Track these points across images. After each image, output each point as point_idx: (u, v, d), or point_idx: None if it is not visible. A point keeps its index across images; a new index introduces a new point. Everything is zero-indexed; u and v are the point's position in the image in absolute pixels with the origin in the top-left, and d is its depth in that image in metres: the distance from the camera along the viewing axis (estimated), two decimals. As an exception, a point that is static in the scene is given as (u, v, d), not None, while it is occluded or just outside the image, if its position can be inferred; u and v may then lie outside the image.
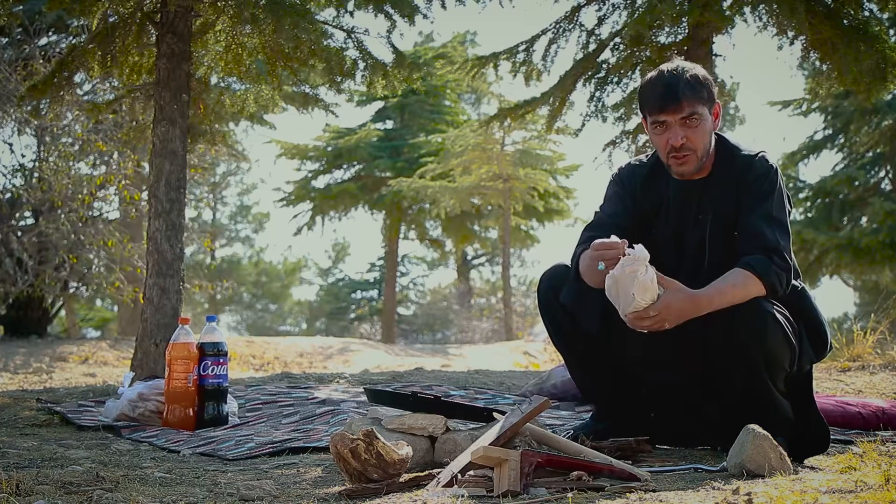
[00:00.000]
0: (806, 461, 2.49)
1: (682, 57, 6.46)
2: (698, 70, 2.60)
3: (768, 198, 2.57)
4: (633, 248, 2.38)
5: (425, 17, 5.78)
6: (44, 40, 11.18)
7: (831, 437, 2.90)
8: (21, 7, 8.61)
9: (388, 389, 2.92)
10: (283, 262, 35.56)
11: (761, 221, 2.54)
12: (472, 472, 2.15)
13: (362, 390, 4.05)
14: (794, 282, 2.55)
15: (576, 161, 20.16)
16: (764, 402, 2.49)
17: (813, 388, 2.66)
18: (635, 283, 2.36)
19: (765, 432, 2.20)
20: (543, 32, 6.97)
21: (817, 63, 6.62)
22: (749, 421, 2.27)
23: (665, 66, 2.61)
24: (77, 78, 6.75)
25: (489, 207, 20.36)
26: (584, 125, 7.02)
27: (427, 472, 2.24)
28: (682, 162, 2.57)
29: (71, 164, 10.07)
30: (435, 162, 18.43)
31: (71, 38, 10.61)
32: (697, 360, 2.63)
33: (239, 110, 6.20)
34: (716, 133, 2.66)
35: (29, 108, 9.94)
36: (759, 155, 2.62)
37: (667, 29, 6.40)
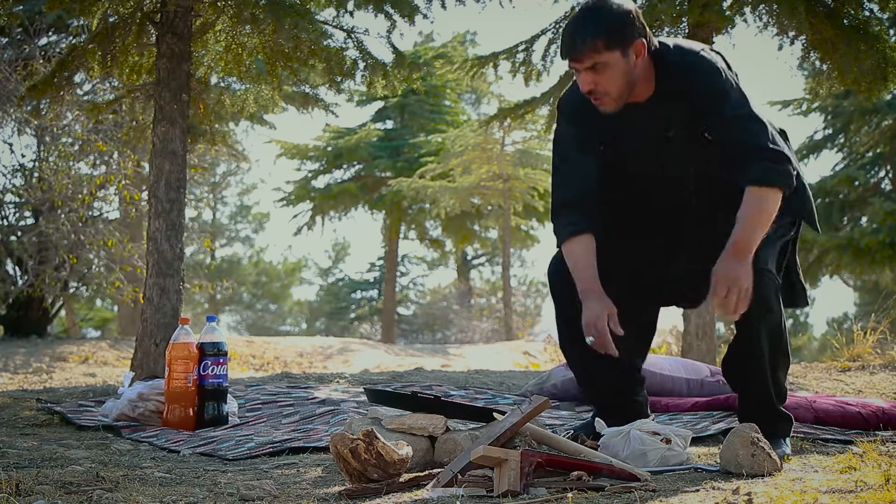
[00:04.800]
0: (805, 461, 2.48)
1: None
2: (611, 11, 2.51)
3: (725, 98, 2.55)
4: None
5: (425, 17, 5.77)
6: (44, 40, 11.17)
7: (831, 437, 2.90)
8: (21, 7, 8.59)
9: (388, 389, 2.92)
10: (283, 262, 35.57)
11: (734, 128, 2.53)
12: (472, 472, 2.15)
13: (362, 390, 4.05)
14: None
15: (576, 161, 20.12)
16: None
17: (795, 253, 2.71)
18: None
19: (744, 431, 2.20)
20: (543, 32, 6.96)
21: (817, 63, 6.61)
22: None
23: (578, 10, 2.58)
24: (77, 78, 6.74)
25: (489, 207, 20.36)
26: (584, 125, 7.01)
27: (427, 472, 2.24)
28: (599, 103, 2.57)
29: (71, 164, 10.07)
30: (435, 162, 18.42)
31: (71, 38, 10.61)
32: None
33: (239, 110, 6.20)
34: (656, 47, 2.60)
35: (29, 108, 9.94)
36: (696, 57, 2.59)
37: (666, 29, 6.40)
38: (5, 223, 10.69)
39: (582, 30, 2.50)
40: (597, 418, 2.68)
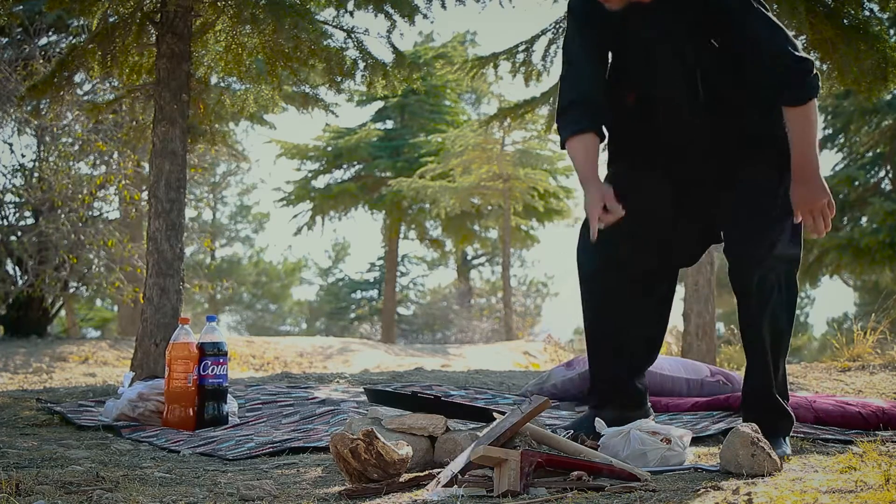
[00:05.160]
0: (805, 461, 2.48)
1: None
2: None
3: (746, 12, 2.51)
4: None
5: (425, 17, 5.77)
6: (44, 40, 11.17)
7: (831, 437, 2.90)
8: (21, 7, 8.59)
9: (388, 389, 2.92)
10: (283, 262, 35.57)
11: (760, 34, 2.49)
12: (472, 472, 2.15)
13: (362, 390, 4.06)
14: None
15: (576, 161, 20.11)
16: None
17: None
18: None
19: (744, 431, 2.21)
20: (543, 32, 6.97)
21: (817, 63, 6.61)
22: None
23: None
24: (77, 78, 6.74)
25: (489, 207, 20.36)
26: (584, 125, 7.01)
27: (427, 472, 2.24)
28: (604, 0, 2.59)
29: (71, 164, 10.07)
30: (435, 162, 18.42)
31: (71, 38, 10.61)
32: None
33: (239, 110, 6.20)
34: None
35: (29, 108, 9.93)
36: None
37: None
38: (5, 223, 10.69)
39: None
40: (597, 418, 2.68)
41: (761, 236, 2.59)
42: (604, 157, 2.87)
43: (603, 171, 2.79)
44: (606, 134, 2.78)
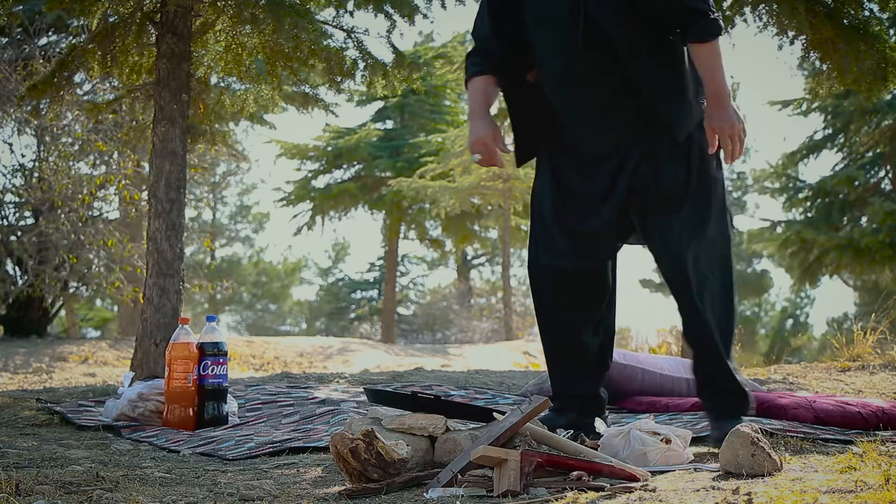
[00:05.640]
0: (805, 461, 2.48)
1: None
2: None
3: None
4: None
5: (425, 17, 5.77)
6: (44, 40, 11.17)
7: (831, 437, 2.90)
8: (21, 7, 8.59)
9: (388, 389, 2.92)
10: (283, 262, 35.56)
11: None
12: (472, 472, 2.15)
13: (362, 390, 4.05)
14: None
15: (576, 161, 20.12)
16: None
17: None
18: None
19: (744, 431, 2.21)
20: (543, 32, 6.96)
21: (817, 63, 6.61)
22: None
23: None
24: (77, 78, 6.74)
25: (489, 207, 20.35)
26: (583, 125, 7.01)
27: (427, 472, 2.24)
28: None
29: (71, 164, 10.07)
30: (435, 162, 18.41)
31: (71, 38, 10.60)
32: None
33: (239, 110, 6.20)
34: None
35: (29, 108, 9.93)
36: None
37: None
38: (5, 223, 10.69)
39: None
40: (597, 418, 2.68)
41: (684, 225, 2.68)
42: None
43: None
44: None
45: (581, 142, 2.80)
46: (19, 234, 10.50)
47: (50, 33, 11.38)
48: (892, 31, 12.04)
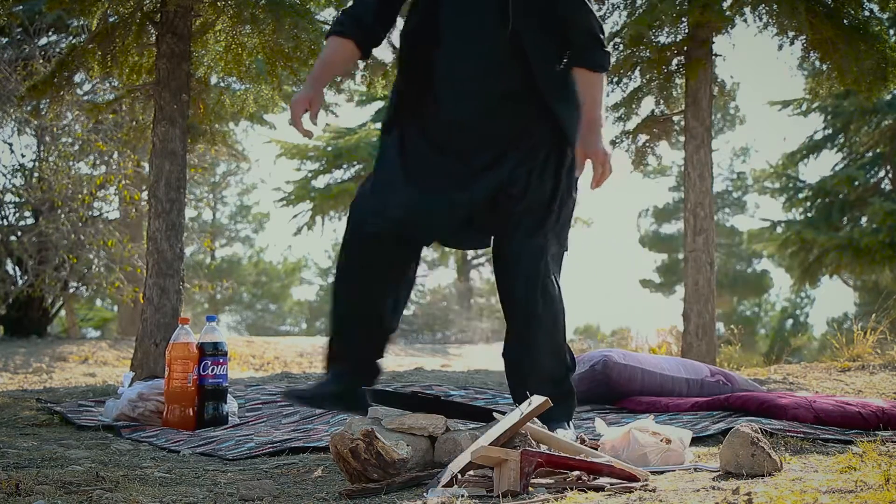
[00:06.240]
0: (805, 461, 2.48)
1: (682, 57, 6.46)
2: None
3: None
4: None
5: (425, 16, 5.76)
6: (44, 40, 11.16)
7: (831, 437, 2.90)
8: (21, 7, 8.60)
9: (388, 389, 2.92)
10: (283, 262, 35.56)
11: (576, 11, 2.66)
12: (472, 472, 2.15)
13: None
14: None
15: (575, 161, 20.12)
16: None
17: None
18: None
19: (744, 431, 2.21)
20: (543, 32, 6.97)
21: (817, 63, 6.61)
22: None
23: None
24: (77, 78, 6.74)
25: (489, 207, 20.35)
26: (583, 125, 7.01)
27: (427, 472, 2.24)
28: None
29: (71, 164, 10.06)
30: (435, 162, 18.40)
31: (71, 38, 10.60)
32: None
33: (239, 110, 6.20)
34: None
35: (29, 108, 9.93)
36: None
37: (667, 29, 6.40)
38: (5, 223, 10.69)
39: None
40: (597, 419, 2.68)
41: (542, 239, 2.75)
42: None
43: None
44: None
45: (455, 134, 2.76)
46: (19, 234, 10.50)
47: (50, 33, 11.38)
48: (892, 31, 12.03)
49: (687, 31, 6.36)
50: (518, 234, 2.77)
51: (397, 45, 3.01)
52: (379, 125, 22.56)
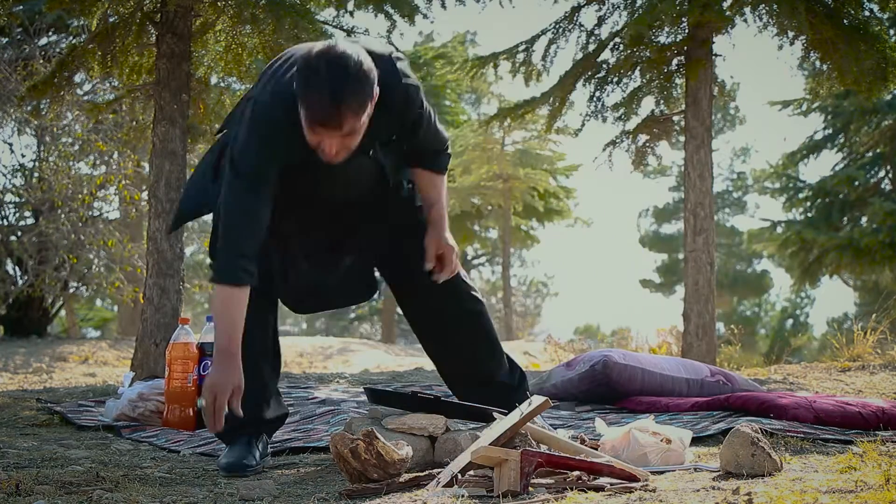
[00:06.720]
0: (805, 461, 2.48)
1: (682, 57, 6.46)
2: (361, 70, 2.34)
3: (426, 118, 2.66)
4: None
5: (425, 17, 5.78)
6: (44, 40, 11.16)
7: (831, 437, 2.90)
8: (21, 7, 8.60)
9: (388, 389, 2.92)
10: (282, 262, 35.49)
11: (431, 139, 2.73)
12: (472, 472, 2.15)
13: (362, 390, 4.05)
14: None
15: (576, 161, 20.15)
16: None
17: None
18: None
19: (744, 431, 2.21)
20: (543, 33, 6.96)
21: (817, 63, 6.61)
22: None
23: (325, 70, 2.32)
24: (77, 78, 6.74)
25: (489, 207, 20.35)
26: (583, 125, 7.01)
27: (427, 472, 2.24)
28: (334, 158, 2.44)
29: (71, 164, 10.06)
30: (435, 162, 18.40)
31: (71, 38, 10.60)
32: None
33: (239, 110, 6.19)
34: None
35: (29, 108, 9.93)
36: (402, 89, 2.54)
37: (667, 29, 6.40)
38: (5, 223, 10.69)
39: (344, 95, 2.29)
40: (597, 419, 2.68)
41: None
42: None
43: None
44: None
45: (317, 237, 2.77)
46: (19, 234, 10.50)
47: (50, 33, 11.38)
48: (892, 31, 12.04)
49: (687, 31, 6.36)
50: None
51: (397, 46, 2.99)
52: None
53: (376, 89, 2.40)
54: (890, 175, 15.61)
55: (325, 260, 2.78)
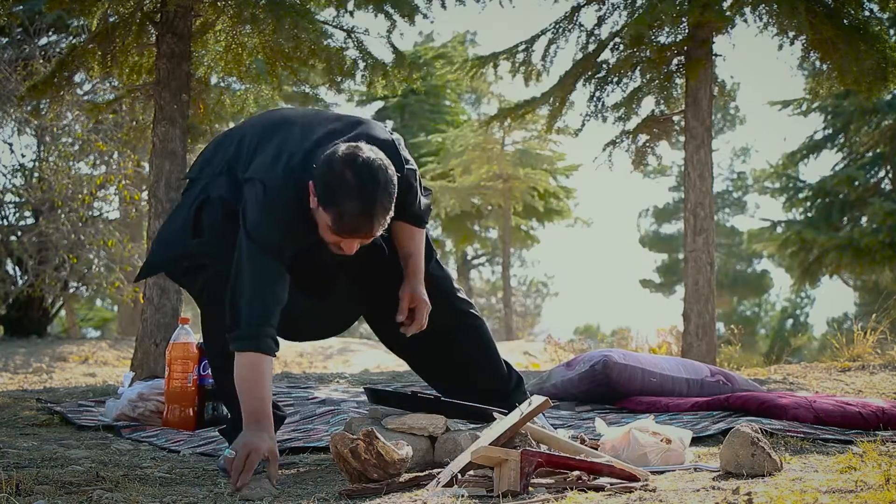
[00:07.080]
0: (805, 461, 2.48)
1: (682, 57, 6.46)
2: (389, 186, 2.39)
3: (415, 193, 2.70)
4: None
5: (425, 17, 5.78)
6: (44, 40, 11.16)
7: (831, 437, 2.90)
8: (21, 7, 8.60)
9: (388, 389, 2.92)
10: (282, 262, 35.50)
11: (418, 208, 2.74)
12: (472, 472, 2.15)
13: (362, 390, 4.05)
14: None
15: (576, 161, 20.16)
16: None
17: None
18: None
19: (744, 431, 2.21)
20: (543, 32, 6.96)
21: (817, 63, 6.61)
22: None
23: (357, 181, 2.35)
24: (77, 78, 6.75)
25: (489, 207, 20.35)
26: (583, 125, 7.01)
27: (427, 472, 2.24)
28: (347, 252, 2.47)
29: (71, 164, 10.06)
30: (435, 162, 18.41)
31: (71, 38, 10.60)
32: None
33: (239, 110, 6.20)
34: None
35: (29, 108, 9.93)
36: (406, 176, 2.60)
37: (667, 29, 6.40)
38: (5, 223, 10.69)
39: (376, 209, 2.36)
40: (597, 419, 2.68)
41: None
42: None
43: None
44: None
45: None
46: (19, 234, 10.50)
47: (50, 33, 11.38)
48: (892, 31, 12.04)
49: (687, 31, 6.36)
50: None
51: (397, 46, 2.99)
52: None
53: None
54: (890, 175, 15.61)
55: (318, 288, 2.78)
